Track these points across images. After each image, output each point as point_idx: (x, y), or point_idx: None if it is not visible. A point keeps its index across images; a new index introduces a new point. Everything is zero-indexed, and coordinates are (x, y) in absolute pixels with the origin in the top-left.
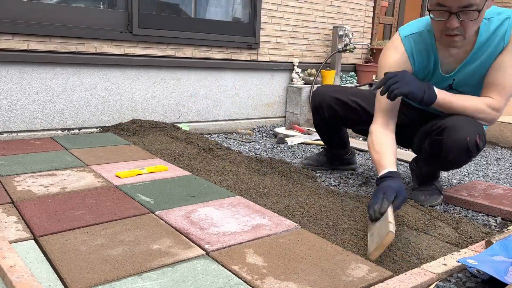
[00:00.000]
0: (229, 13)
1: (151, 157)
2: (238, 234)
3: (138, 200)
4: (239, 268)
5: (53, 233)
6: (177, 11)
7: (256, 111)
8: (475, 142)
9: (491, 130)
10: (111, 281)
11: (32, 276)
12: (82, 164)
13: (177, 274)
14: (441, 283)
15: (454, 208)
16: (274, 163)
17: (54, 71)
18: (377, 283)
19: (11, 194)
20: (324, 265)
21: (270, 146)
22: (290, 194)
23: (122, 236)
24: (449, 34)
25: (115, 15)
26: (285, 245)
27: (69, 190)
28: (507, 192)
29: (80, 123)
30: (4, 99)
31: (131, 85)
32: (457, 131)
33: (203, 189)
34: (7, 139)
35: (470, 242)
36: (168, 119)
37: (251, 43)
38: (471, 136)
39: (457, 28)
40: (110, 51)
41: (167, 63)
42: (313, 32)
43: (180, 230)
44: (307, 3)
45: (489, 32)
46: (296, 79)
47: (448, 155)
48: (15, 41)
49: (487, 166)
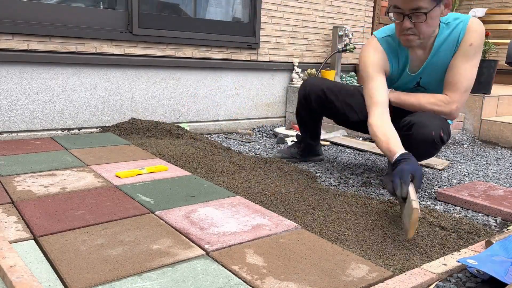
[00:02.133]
0: (229, 13)
1: (151, 157)
2: (238, 234)
3: (138, 200)
4: (239, 268)
5: (53, 233)
6: (177, 11)
7: (256, 111)
8: (439, 135)
9: (491, 130)
10: (111, 281)
11: (32, 276)
12: (82, 164)
13: (177, 274)
14: (441, 283)
15: (454, 208)
16: (274, 163)
17: (54, 71)
18: (377, 283)
19: (11, 194)
20: (324, 265)
21: (270, 146)
22: (290, 194)
23: (122, 236)
24: (404, 34)
25: (115, 15)
26: (285, 245)
27: (69, 190)
28: (507, 194)
29: (80, 123)
30: (4, 99)
31: (131, 85)
32: (423, 127)
33: (203, 189)
34: (7, 139)
35: (470, 242)
36: (168, 119)
37: (251, 43)
38: (436, 131)
39: (411, 29)
40: (110, 51)
41: (167, 63)
42: (313, 32)
43: (180, 230)
44: (307, 3)
45: (445, 35)
46: (296, 79)
47: (417, 148)
48: (15, 41)
49: (487, 166)
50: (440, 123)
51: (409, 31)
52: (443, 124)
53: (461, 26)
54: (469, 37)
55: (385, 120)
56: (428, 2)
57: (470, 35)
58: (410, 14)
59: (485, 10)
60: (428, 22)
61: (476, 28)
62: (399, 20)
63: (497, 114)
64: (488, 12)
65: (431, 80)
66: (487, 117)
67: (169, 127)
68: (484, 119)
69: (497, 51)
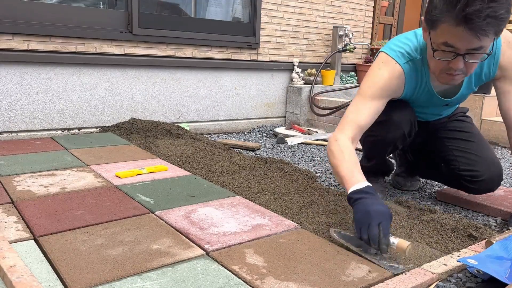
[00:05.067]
0: (229, 13)
1: (151, 157)
2: (238, 234)
3: (138, 200)
4: (239, 268)
5: (53, 233)
6: (177, 11)
7: (256, 111)
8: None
9: (491, 130)
10: (111, 281)
11: (32, 276)
12: (82, 164)
13: (177, 274)
14: (441, 283)
15: (454, 208)
16: (274, 163)
17: (54, 71)
18: (377, 283)
19: (11, 194)
20: (324, 265)
21: (270, 146)
22: (290, 193)
23: (122, 236)
24: (450, 74)
25: (115, 15)
26: (285, 245)
27: (69, 190)
28: (507, 194)
29: (80, 123)
30: (4, 99)
31: (131, 85)
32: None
33: (203, 189)
34: (7, 139)
35: (470, 242)
36: (168, 119)
37: (251, 43)
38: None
39: (461, 69)
40: (110, 51)
41: (167, 63)
42: (313, 32)
43: (180, 230)
44: (307, 3)
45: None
46: (296, 79)
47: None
48: (15, 41)
49: None
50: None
51: (458, 70)
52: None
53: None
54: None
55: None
56: (490, 41)
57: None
58: (466, 53)
59: None
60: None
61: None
62: (448, 58)
63: (497, 114)
64: None
65: (459, 101)
66: (487, 117)
67: (169, 127)
68: (484, 119)
69: None
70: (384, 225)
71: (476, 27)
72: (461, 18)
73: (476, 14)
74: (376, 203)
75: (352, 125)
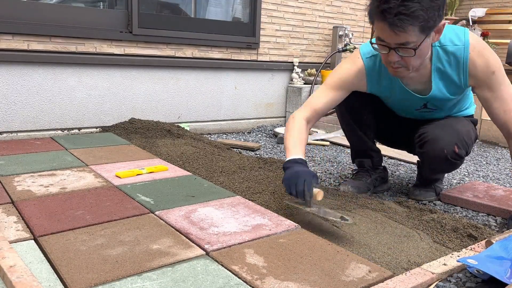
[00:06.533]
0: (229, 13)
1: (151, 157)
2: (238, 234)
3: (138, 200)
4: (239, 268)
5: (53, 233)
6: (177, 11)
7: (256, 111)
8: (453, 151)
9: (491, 130)
10: (111, 281)
11: (32, 276)
12: (82, 164)
13: (177, 274)
14: (441, 283)
15: (454, 208)
16: (274, 163)
17: (54, 71)
18: (377, 283)
19: (11, 194)
20: (324, 265)
21: (270, 146)
22: None
23: (122, 236)
24: (392, 66)
25: (115, 15)
26: (285, 245)
27: (69, 190)
28: (508, 194)
29: (80, 123)
30: (4, 99)
31: (131, 85)
32: (435, 144)
33: (203, 189)
34: (7, 139)
35: (470, 242)
36: (168, 119)
37: (251, 43)
38: (448, 147)
39: (398, 62)
40: (110, 51)
41: (167, 63)
42: (313, 32)
43: (180, 230)
44: (307, 3)
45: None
46: (296, 79)
47: (432, 166)
48: (15, 41)
49: (487, 166)
50: (456, 136)
51: (396, 63)
52: (458, 137)
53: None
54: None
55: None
56: (416, 36)
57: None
58: (397, 47)
59: (485, 10)
60: (417, 55)
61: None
62: (385, 52)
63: None
64: (488, 12)
65: (442, 102)
66: (487, 117)
67: (169, 127)
68: (484, 119)
69: (497, 51)
70: (308, 182)
71: (389, 23)
72: (379, 14)
73: (388, 11)
74: (303, 168)
75: (309, 108)
